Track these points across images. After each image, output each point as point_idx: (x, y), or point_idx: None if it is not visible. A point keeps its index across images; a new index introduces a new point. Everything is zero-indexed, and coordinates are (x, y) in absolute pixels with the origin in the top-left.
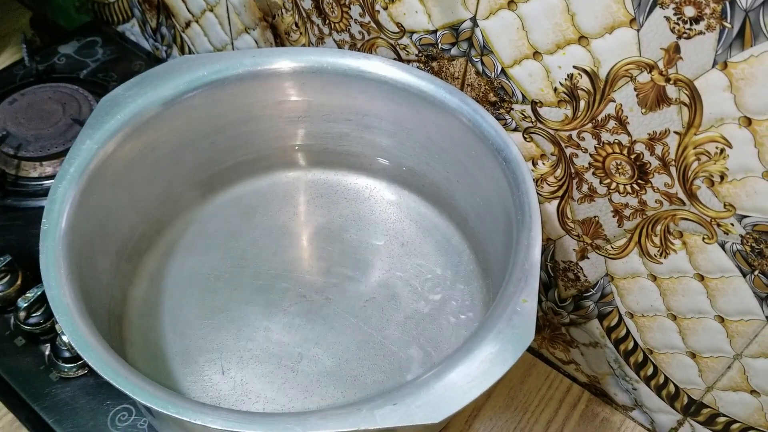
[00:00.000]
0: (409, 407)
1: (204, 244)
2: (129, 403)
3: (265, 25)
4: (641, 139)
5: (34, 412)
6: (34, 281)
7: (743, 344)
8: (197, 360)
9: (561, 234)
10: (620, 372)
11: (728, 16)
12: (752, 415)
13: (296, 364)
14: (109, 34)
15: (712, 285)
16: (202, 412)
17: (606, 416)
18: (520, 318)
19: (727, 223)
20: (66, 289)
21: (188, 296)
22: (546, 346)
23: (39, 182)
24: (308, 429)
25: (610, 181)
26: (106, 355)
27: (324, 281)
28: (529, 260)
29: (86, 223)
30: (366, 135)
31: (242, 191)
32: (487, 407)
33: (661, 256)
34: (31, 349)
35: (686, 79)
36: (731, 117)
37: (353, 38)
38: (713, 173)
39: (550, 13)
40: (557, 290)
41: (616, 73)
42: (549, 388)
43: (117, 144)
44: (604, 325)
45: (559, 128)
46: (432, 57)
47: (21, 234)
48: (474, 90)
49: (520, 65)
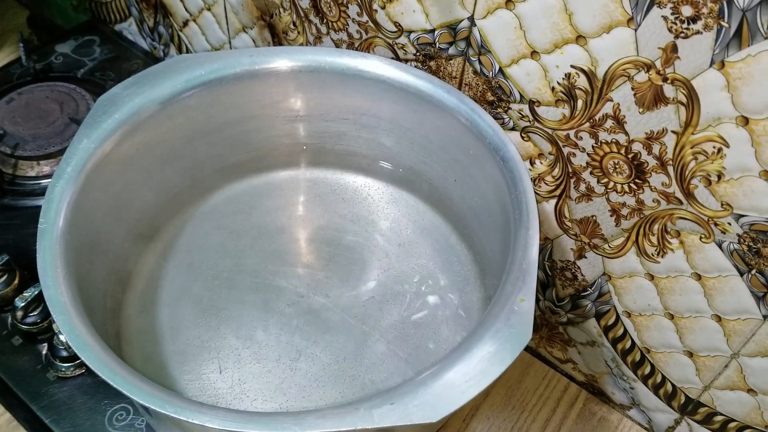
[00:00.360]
0: (406, 406)
1: (202, 243)
2: (126, 403)
3: (263, 24)
4: (639, 138)
5: (32, 411)
6: (32, 280)
7: (740, 343)
8: (195, 359)
9: (559, 233)
10: (618, 371)
11: (725, 16)
12: (749, 414)
13: (294, 364)
14: (107, 33)
15: (709, 284)
16: (200, 412)
17: (603, 415)
18: (517, 317)
19: (724, 222)
20: (63, 288)
21: (186, 295)
22: (544, 345)
23: (36, 181)
24: (306, 428)
25: (608, 180)
26: (104, 355)
27: (322, 281)
28: (527, 259)
29: (84, 222)
30: (364, 134)
31: (240, 190)
32: (484, 406)
33: (659, 256)
34: (28, 349)
35: (683, 78)
36: (728, 116)
37: (351, 37)
38: (710, 172)
39: (548, 12)
40: (555, 289)
41: (614, 73)
42: (546, 387)
43: (114, 143)
44: (601, 324)
45: (557, 127)
46: (430, 56)
47: (18, 233)
48: (472, 89)
49: (517, 64)
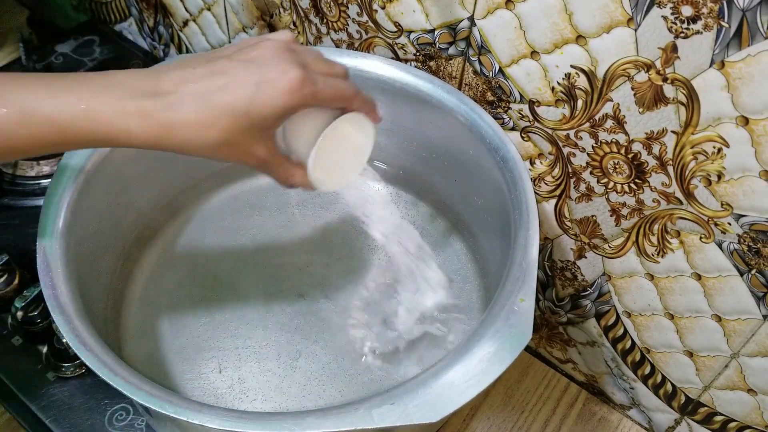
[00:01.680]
0: (406, 406)
1: (202, 242)
2: (126, 402)
3: (263, 24)
4: (639, 138)
5: (32, 411)
6: (32, 281)
7: (740, 343)
8: (195, 359)
9: (558, 233)
10: (618, 371)
11: (725, 16)
12: (749, 414)
13: (294, 363)
14: (107, 33)
15: (709, 284)
16: (200, 412)
17: (603, 415)
18: (517, 317)
19: (724, 222)
20: (63, 288)
21: (186, 295)
22: (544, 345)
23: (36, 181)
24: (306, 428)
25: (608, 180)
26: (104, 355)
27: (322, 280)
28: (527, 259)
29: (83, 222)
30: None
31: (240, 190)
32: (484, 406)
33: (659, 256)
34: (28, 349)
35: (683, 78)
36: (728, 116)
37: (351, 37)
38: (710, 172)
39: (548, 12)
40: (555, 289)
41: (614, 73)
42: (546, 387)
43: None
44: (601, 324)
45: (557, 128)
46: (430, 56)
47: (18, 233)
48: (472, 89)
49: (517, 64)
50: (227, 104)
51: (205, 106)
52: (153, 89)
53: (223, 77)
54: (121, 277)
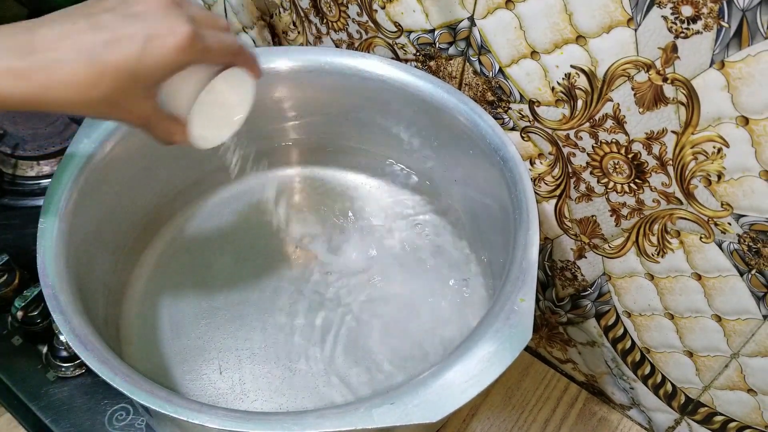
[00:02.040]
0: (406, 406)
1: (202, 242)
2: (126, 402)
3: (263, 24)
4: (639, 138)
5: (32, 411)
6: (32, 280)
7: (740, 343)
8: (195, 359)
9: (559, 233)
10: (617, 371)
11: (725, 16)
12: (749, 414)
13: (294, 364)
14: None
15: (709, 284)
16: (200, 412)
17: (603, 415)
18: (517, 317)
19: (724, 222)
20: (63, 288)
21: (186, 295)
22: (544, 345)
23: (36, 181)
24: (306, 428)
25: (608, 180)
26: (104, 355)
27: (322, 280)
28: (527, 259)
29: (84, 222)
30: (364, 134)
31: (240, 189)
32: (484, 406)
33: (659, 256)
34: (28, 349)
35: (684, 78)
36: (728, 116)
37: (351, 37)
38: (710, 172)
39: (548, 12)
40: (555, 289)
41: (614, 73)
42: (546, 387)
43: (114, 143)
44: (601, 324)
45: (557, 128)
46: (430, 56)
47: (18, 233)
48: (472, 89)
49: (517, 64)
50: (112, 62)
51: (88, 65)
52: (28, 47)
53: (107, 32)
54: (122, 277)
